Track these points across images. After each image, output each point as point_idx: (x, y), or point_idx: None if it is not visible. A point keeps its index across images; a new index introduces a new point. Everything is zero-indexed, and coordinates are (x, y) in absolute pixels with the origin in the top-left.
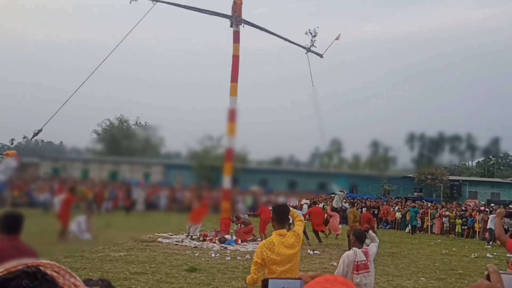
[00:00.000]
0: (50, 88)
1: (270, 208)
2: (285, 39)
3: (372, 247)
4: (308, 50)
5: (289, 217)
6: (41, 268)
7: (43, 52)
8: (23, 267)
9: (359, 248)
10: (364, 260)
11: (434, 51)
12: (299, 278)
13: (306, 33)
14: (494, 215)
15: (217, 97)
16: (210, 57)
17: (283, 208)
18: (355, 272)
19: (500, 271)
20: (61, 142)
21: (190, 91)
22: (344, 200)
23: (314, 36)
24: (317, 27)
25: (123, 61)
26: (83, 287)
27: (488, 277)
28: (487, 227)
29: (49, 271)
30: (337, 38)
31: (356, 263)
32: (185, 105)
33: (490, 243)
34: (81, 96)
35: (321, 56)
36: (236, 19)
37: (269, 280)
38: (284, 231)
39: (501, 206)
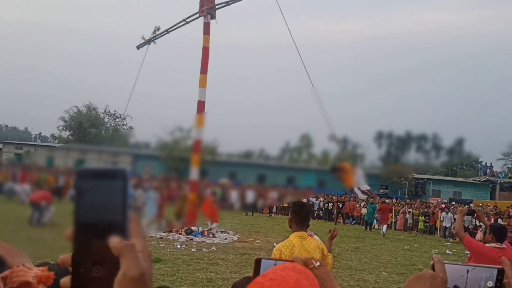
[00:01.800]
0: (17, 66)
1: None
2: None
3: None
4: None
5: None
6: None
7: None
8: None
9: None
10: None
11: (411, 53)
12: (292, 260)
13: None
14: (446, 213)
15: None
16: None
17: (303, 208)
18: None
19: (444, 261)
20: (26, 128)
21: (164, 76)
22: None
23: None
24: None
25: (95, 42)
26: (32, 268)
27: (433, 267)
28: (442, 225)
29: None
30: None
31: None
32: (156, 90)
33: (450, 240)
34: (50, 76)
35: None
36: (207, 10)
37: (262, 260)
38: (304, 233)
39: (462, 204)
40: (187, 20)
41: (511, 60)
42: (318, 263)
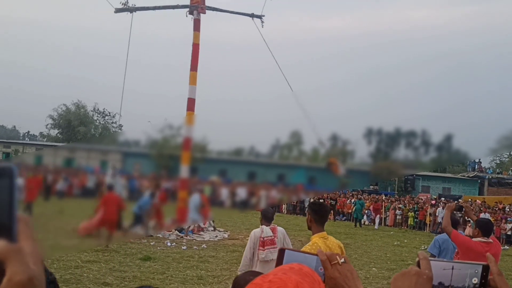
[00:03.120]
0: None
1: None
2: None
3: (281, 228)
4: (253, 16)
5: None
6: None
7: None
8: None
9: (266, 226)
10: (271, 236)
11: (396, 50)
12: (316, 254)
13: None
14: (442, 209)
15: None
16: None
17: (322, 206)
18: (260, 248)
19: (430, 258)
20: (14, 126)
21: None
22: None
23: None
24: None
25: (85, 39)
26: None
27: (418, 264)
28: (437, 221)
29: None
30: None
31: (262, 239)
32: (146, 87)
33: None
34: (37, 73)
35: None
36: (196, 7)
37: (286, 250)
38: (325, 233)
39: (451, 200)
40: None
41: (495, 56)
42: (342, 259)
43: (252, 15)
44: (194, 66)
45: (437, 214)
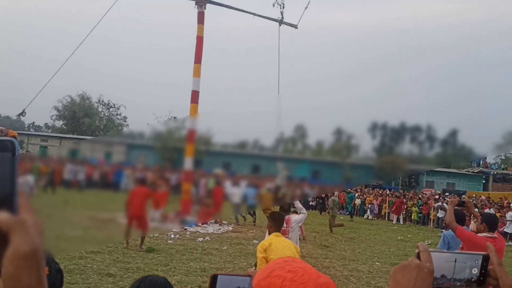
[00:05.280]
0: (8, 51)
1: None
2: (255, 14)
3: (297, 216)
4: (281, 22)
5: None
6: None
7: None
8: None
9: None
10: (284, 227)
11: (400, 42)
12: (248, 275)
13: (274, 5)
14: (446, 204)
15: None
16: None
17: (280, 216)
18: None
19: (430, 249)
20: (19, 116)
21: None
22: None
23: (283, 7)
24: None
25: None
26: None
27: (418, 256)
28: (439, 216)
29: None
30: (306, 7)
31: None
32: (151, 77)
33: (443, 231)
34: (42, 62)
35: (295, 27)
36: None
37: (218, 276)
38: (279, 233)
39: (455, 195)
40: None
41: (503, 49)
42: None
43: (281, 22)
44: (198, 59)
45: (434, 210)
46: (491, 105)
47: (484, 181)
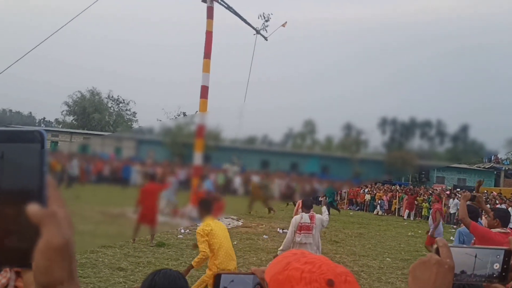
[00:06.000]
0: (19, 49)
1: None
2: (240, 17)
3: (321, 216)
4: (257, 32)
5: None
6: None
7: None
8: None
9: (306, 213)
10: (308, 223)
11: (407, 34)
12: (252, 273)
13: (259, 17)
14: (453, 199)
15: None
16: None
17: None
18: (297, 232)
19: (450, 245)
20: (30, 112)
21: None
22: None
23: (267, 20)
24: (271, 14)
25: (95, 23)
26: None
27: (437, 251)
28: (450, 212)
29: None
30: (283, 25)
31: (300, 224)
32: (161, 75)
33: (454, 226)
34: (52, 61)
35: (265, 39)
36: None
37: (222, 275)
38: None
39: (465, 190)
40: None
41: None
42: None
43: (257, 32)
44: (207, 54)
45: (449, 205)
46: (503, 100)
47: (495, 177)
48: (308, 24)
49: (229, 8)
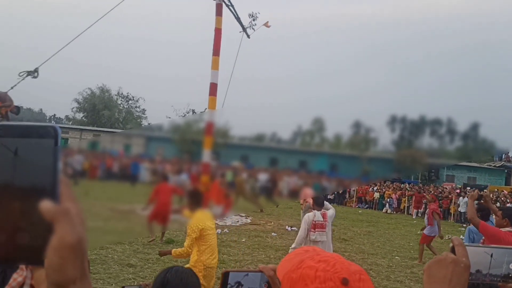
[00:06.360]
0: (31, 48)
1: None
2: (234, 13)
3: (330, 211)
4: (244, 30)
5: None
6: None
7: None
8: None
9: (318, 211)
10: (321, 221)
11: (414, 30)
12: (260, 271)
13: (249, 16)
14: (462, 198)
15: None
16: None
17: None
18: (311, 230)
19: (465, 244)
20: (41, 109)
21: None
22: None
23: (254, 19)
24: (259, 13)
25: (110, 24)
26: None
27: (453, 250)
28: (458, 210)
29: None
30: (265, 25)
31: (314, 222)
32: (168, 71)
33: (464, 225)
34: (63, 60)
35: (248, 36)
36: None
37: (230, 272)
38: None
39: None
40: None
41: None
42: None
43: (244, 29)
44: (216, 51)
45: (458, 203)
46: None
47: (506, 176)
48: (317, 21)
49: (230, 5)
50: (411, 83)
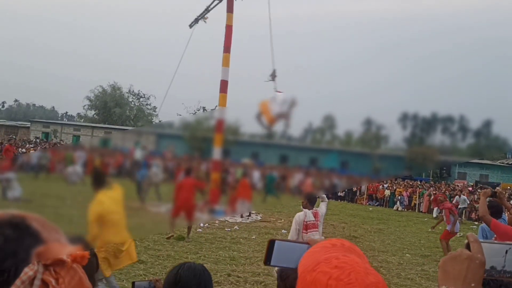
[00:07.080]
0: (44, 45)
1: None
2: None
3: (322, 208)
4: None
5: None
6: (26, 220)
7: (35, 6)
8: (8, 217)
9: (309, 210)
10: (313, 220)
11: (429, 26)
12: (307, 243)
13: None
14: (459, 196)
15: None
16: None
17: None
18: (304, 231)
19: (481, 240)
20: (53, 107)
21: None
22: None
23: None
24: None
25: (119, 20)
26: (67, 244)
27: (468, 246)
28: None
29: (34, 224)
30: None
31: (305, 223)
32: (181, 69)
33: (476, 223)
34: (75, 56)
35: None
36: None
37: (276, 241)
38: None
39: (487, 186)
40: None
41: None
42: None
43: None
44: (227, 48)
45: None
46: None
47: None
48: (329, 16)
49: None
50: (423, 79)
